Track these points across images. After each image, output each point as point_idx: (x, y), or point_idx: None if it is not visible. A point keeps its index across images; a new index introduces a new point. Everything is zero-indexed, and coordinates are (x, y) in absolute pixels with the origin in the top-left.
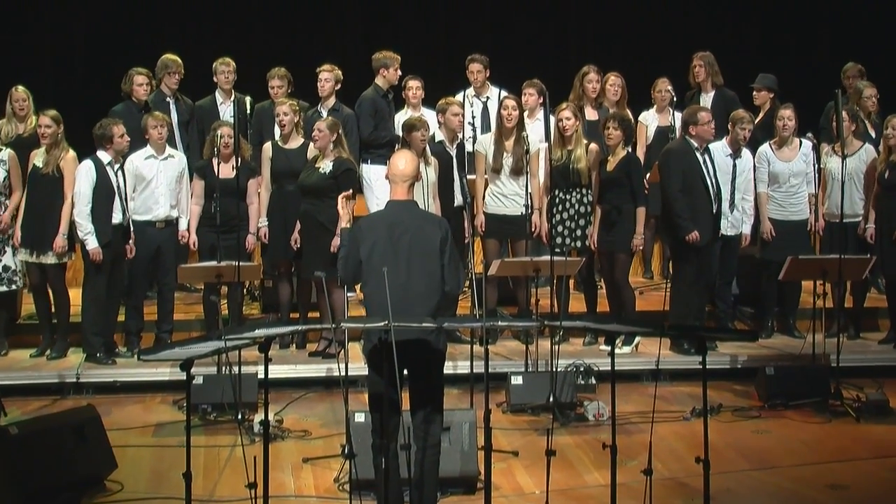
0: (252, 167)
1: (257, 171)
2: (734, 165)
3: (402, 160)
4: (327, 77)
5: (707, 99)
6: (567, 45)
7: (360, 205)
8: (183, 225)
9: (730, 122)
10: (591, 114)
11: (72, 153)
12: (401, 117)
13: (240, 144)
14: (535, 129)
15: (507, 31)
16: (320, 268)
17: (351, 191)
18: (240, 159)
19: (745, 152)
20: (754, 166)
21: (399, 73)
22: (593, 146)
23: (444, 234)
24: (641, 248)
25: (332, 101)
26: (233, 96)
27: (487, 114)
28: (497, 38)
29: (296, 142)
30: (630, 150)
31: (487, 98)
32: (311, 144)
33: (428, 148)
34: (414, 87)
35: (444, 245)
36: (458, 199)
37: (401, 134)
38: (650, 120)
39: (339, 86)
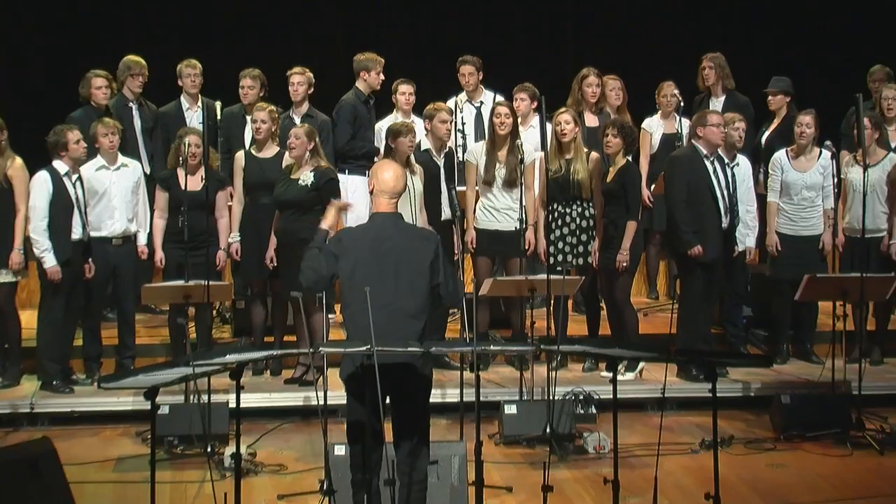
0: (221, 178)
1: (227, 183)
2: (732, 175)
3: (390, 173)
4: (299, 80)
5: (717, 104)
6: (565, 46)
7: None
8: (142, 240)
9: None
10: (591, 120)
11: (19, 161)
12: (386, 124)
13: (208, 154)
14: (530, 138)
15: (500, 31)
16: (297, 287)
17: (344, 201)
18: (208, 170)
19: (743, 159)
20: (766, 173)
21: (381, 76)
22: (594, 155)
23: (435, 249)
24: (625, 264)
25: (305, 106)
26: (199, 101)
27: (481, 120)
28: (490, 39)
29: (270, 150)
30: (630, 159)
31: (481, 103)
32: (287, 153)
33: (412, 156)
34: (406, 92)
35: (435, 261)
36: (446, 213)
37: (384, 141)
38: (655, 127)
39: (311, 90)
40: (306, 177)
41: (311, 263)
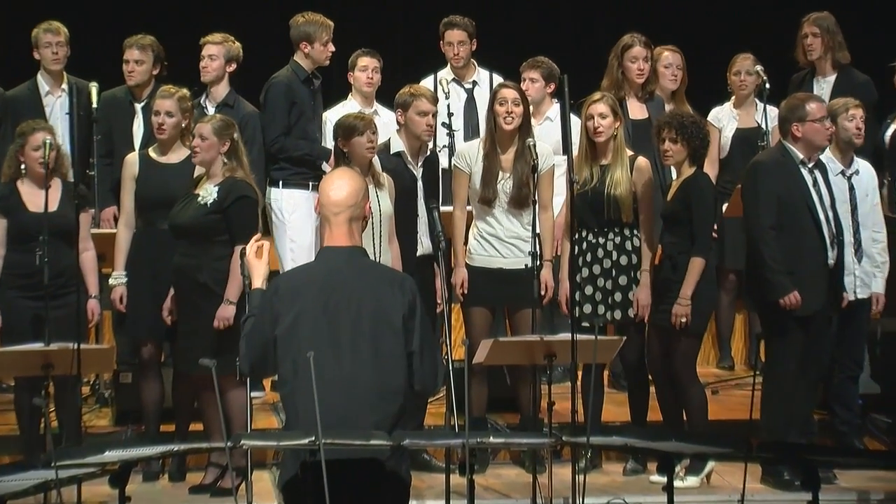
0: (84, 194)
1: (89, 200)
2: (850, 187)
3: (340, 184)
4: (214, 53)
5: (825, 85)
6: (591, 6)
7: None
8: None
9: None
10: (636, 110)
11: None
12: (337, 115)
13: (60, 158)
14: (546, 135)
15: None
16: (207, 353)
17: (258, 236)
18: (60, 180)
19: (863, 165)
20: (894, 184)
21: (331, 48)
22: (641, 161)
23: (410, 301)
24: (684, 320)
25: (222, 90)
26: (65, 81)
27: (474, 108)
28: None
29: (178, 153)
30: (697, 168)
31: (474, 84)
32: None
33: (378, 163)
34: (369, 67)
35: (410, 317)
36: (425, 244)
37: (332, 141)
38: (726, 120)
39: (233, 67)
40: (206, 192)
41: (247, 343)
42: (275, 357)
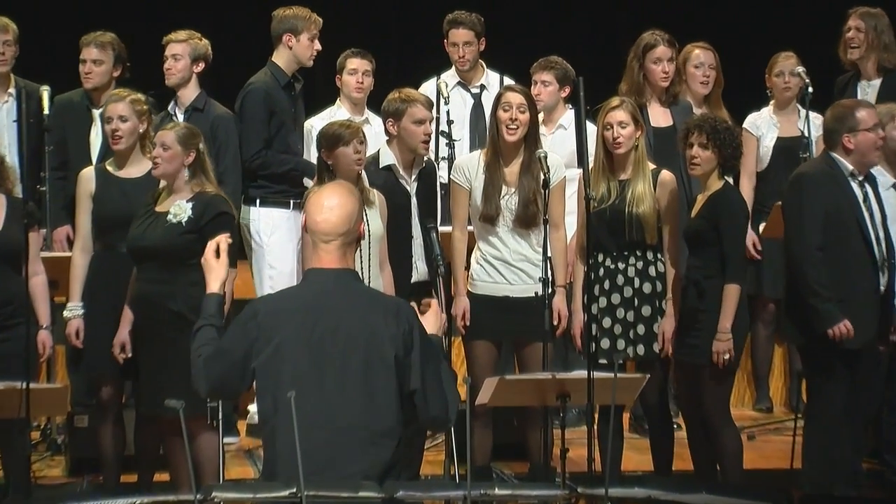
0: (32, 212)
1: (39, 219)
2: None
3: (330, 205)
4: (179, 52)
5: (869, 90)
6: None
7: (242, 279)
8: None
9: None
10: (660, 116)
11: None
12: (321, 123)
13: (5, 170)
14: (558, 145)
15: None
16: (175, 393)
17: (225, 236)
18: (5, 196)
19: None
20: None
21: (317, 46)
22: (666, 175)
23: (406, 331)
24: (728, 356)
25: (191, 93)
26: (12, 85)
27: (482, 115)
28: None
29: (138, 166)
30: (729, 181)
31: (482, 88)
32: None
33: (365, 177)
34: (359, 70)
35: (407, 351)
36: (421, 269)
37: (315, 153)
38: (765, 127)
39: (201, 66)
40: (179, 209)
41: (206, 355)
42: (239, 382)
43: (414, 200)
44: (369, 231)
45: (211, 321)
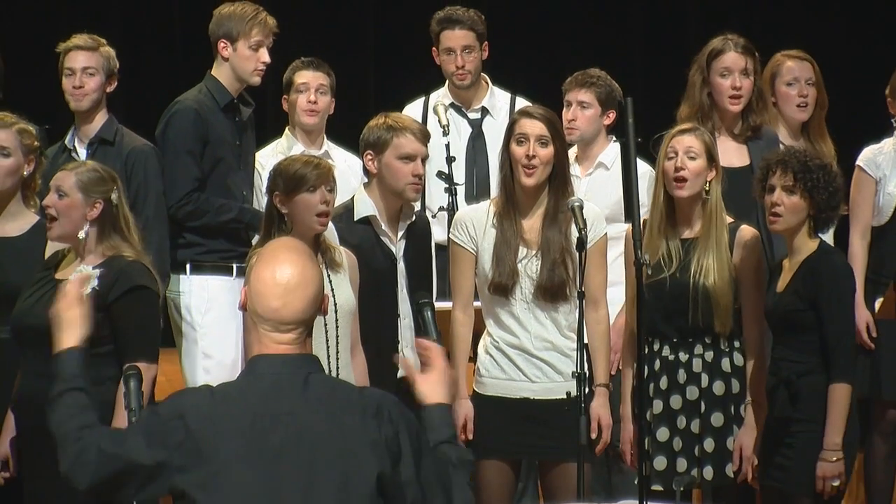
0: None
1: None
2: None
3: (288, 276)
4: (93, 65)
5: None
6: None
7: (166, 373)
8: None
9: None
10: (731, 151)
11: None
12: (274, 158)
13: None
14: (598, 190)
15: None
16: None
17: (92, 269)
18: None
19: None
20: None
21: (263, 56)
22: (747, 233)
23: (391, 436)
24: (837, 483)
25: (98, 120)
26: None
27: (483, 150)
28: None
29: (19, 220)
30: (824, 240)
31: (483, 112)
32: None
33: (335, 233)
34: (312, 85)
35: (394, 457)
36: (409, 354)
37: (264, 197)
38: (888, 166)
39: (113, 85)
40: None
41: (95, 442)
42: (135, 492)
43: (401, 265)
44: (336, 305)
45: (75, 384)
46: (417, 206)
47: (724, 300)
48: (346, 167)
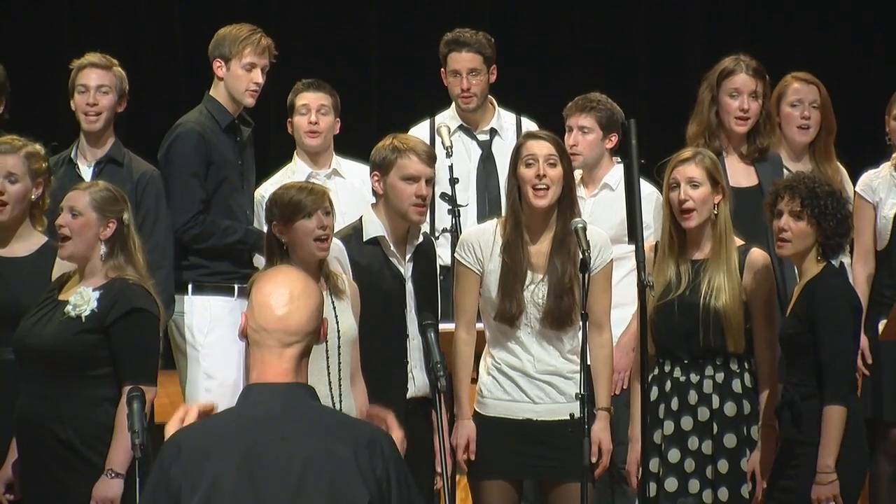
0: None
1: None
2: None
3: (291, 289)
4: (106, 84)
5: None
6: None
7: (168, 394)
8: None
9: None
10: (739, 171)
11: None
12: (273, 186)
13: None
14: (601, 211)
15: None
16: None
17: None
18: None
19: None
20: None
21: (257, 77)
22: (757, 256)
23: (381, 473)
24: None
25: (108, 140)
26: None
27: (493, 171)
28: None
29: (27, 241)
30: (829, 264)
31: (492, 133)
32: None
33: (340, 260)
34: (313, 106)
35: (383, 496)
36: (419, 380)
37: (264, 223)
38: (885, 190)
39: (123, 105)
40: (81, 299)
41: None
42: None
43: (409, 287)
44: (339, 332)
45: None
46: (426, 227)
47: (736, 320)
48: (360, 182)
